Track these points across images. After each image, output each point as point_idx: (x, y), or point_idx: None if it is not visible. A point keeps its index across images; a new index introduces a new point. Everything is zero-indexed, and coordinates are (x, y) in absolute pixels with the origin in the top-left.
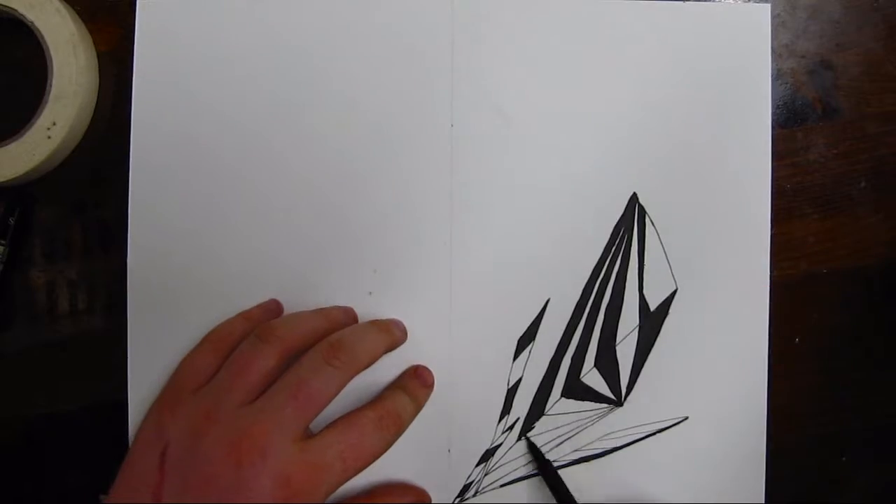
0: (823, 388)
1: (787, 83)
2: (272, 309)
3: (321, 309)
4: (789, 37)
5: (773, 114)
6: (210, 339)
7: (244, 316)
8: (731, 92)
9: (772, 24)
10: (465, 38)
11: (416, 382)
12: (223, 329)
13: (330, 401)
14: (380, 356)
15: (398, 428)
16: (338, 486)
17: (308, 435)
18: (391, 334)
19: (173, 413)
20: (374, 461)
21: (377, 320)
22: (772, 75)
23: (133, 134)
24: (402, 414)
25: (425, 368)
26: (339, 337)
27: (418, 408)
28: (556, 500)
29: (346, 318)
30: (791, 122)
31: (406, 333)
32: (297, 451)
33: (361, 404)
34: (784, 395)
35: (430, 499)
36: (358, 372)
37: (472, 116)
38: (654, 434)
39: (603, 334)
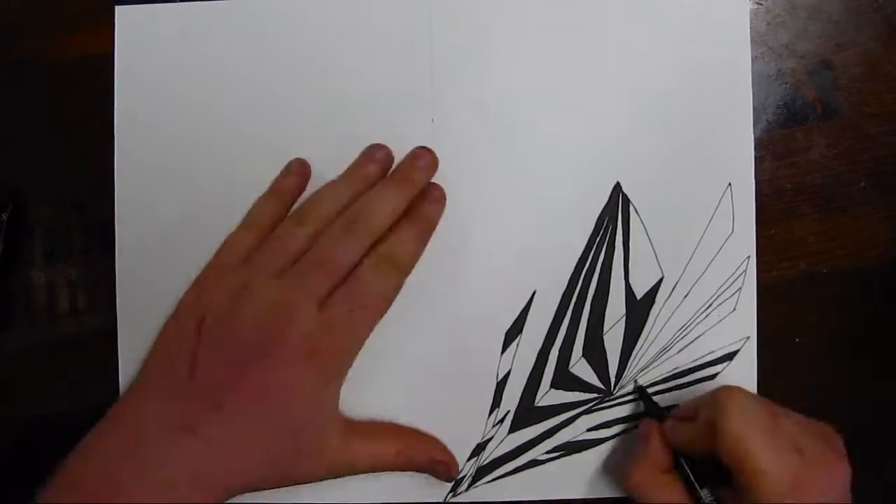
0: (823, 388)
1: (787, 83)
2: (298, 171)
3: (351, 172)
4: (789, 37)
5: (773, 114)
6: (248, 223)
7: (274, 191)
8: (713, 78)
9: (772, 24)
10: (443, 32)
11: (418, 205)
12: (259, 210)
13: (352, 265)
14: (399, 210)
15: (399, 269)
16: (360, 341)
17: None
18: (410, 182)
19: (212, 287)
20: (387, 306)
21: (397, 173)
22: (771, 75)
23: (117, 135)
24: (399, 253)
25: (434, 184)
26: (355, 207)
27: (423, 234)
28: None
29: (381, 166)
30: (791, 122)
31: (436, 167)
32: (319, 314)
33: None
34: (784, 395)
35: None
36: (377, 235)
37: (453, 111)
38: None
39: (590, 324)
